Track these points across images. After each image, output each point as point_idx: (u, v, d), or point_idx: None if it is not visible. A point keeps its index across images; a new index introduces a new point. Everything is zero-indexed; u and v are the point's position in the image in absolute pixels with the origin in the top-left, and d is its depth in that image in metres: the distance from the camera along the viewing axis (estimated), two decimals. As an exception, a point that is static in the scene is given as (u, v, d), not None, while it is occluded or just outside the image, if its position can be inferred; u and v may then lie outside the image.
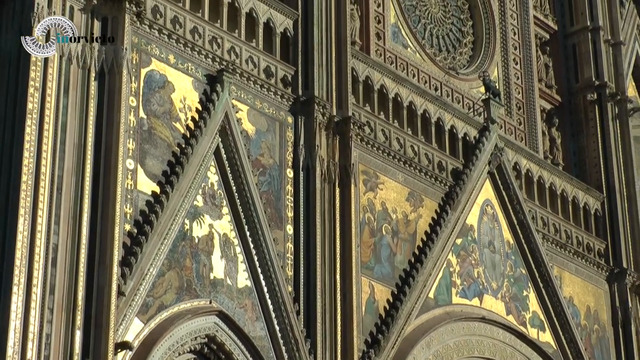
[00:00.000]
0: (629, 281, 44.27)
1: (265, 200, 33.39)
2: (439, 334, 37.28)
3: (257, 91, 34.46)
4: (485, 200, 40.41)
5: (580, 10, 47.83)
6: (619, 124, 46.80)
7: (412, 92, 39.73)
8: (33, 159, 27.60)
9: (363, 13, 39.86)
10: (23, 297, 26.51)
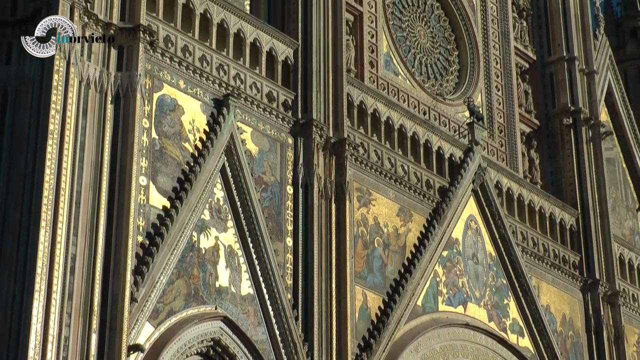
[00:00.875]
0: (601, 291, 44.23)
1: (267, 215, 33.43)
2: (426, 338, 37.28)
3: (260, 114, 34.49)
4: (469, 216, 40.41)
5: (557, 41, 47.86)
6: (593, 146, 46.80)
7: (402, 116, 39.75)
8: (54, 176, 27.60)
9: (358, 43, 39.94)
10: (43, 302, 26.50)
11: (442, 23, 44.79)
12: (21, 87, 28.94)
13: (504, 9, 46.76)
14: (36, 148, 27.95)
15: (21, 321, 26.29)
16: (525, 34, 47.82)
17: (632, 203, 50.54)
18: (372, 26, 40.67)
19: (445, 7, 44.89)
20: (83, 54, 29.37)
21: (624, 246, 47.40)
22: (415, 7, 43.88)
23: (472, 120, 41.71)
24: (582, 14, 48.99)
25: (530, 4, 48.46)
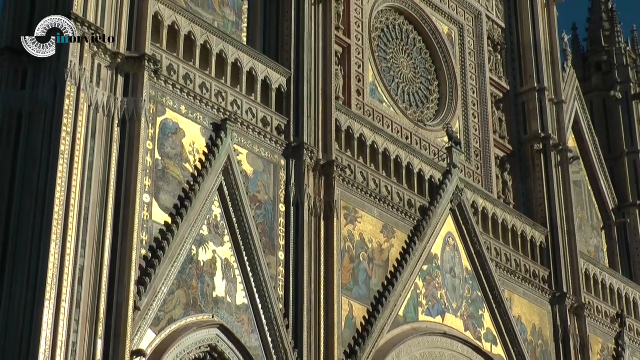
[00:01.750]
0: (568, 303, 44.19)
1: (261, 231, 33.36)
2: (407, 346, 37.20)
3: (255, 138, 34.46)
4: (447, 233, 40.35)
5: (529, 73, 47.93)
6: (561, 170, 46.82)
7: (386, 140, 39.75)
8: (64, 193, 27.58)
9: (346, 73, 39.97)
10: (53, 310, 26.45)
11: (424, 55, 44.87)
12: (35, 111, 28.94)
13: (480, 43, 46.86)
14: (48, 167, 27.94)
15: (32, 327, 26.25)
16: (500, 66, 47.89)
17: (597, 222, 50.59)
18: (359, 57, 40.71)
19: (426, 41, 45.00)
20: (92, 80, 29.40)
21: (590, 262, 47.39)
22: (399, 40, 43.99)
23: (451, 145, 41.69)
24: (551, 49, 49.09)
25: (504, 39, 48.55)
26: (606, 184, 51.08)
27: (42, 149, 28.33)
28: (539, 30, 48.78)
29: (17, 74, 29.53)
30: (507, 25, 48.89)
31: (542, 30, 48.95)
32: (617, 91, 53.57)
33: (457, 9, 46.47)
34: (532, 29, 48.67)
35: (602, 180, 50.90)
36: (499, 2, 49.10)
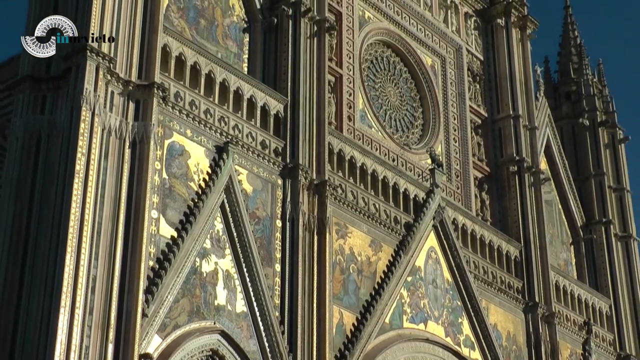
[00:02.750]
0: (540, 312, 44.16)
1: (259, 244, 33.30)
2: (393, 351, 37.11)
3: (255, 159, 34.42)
4: (430, 247, 40.31)
5: (505, 102, 48.00)
6: (534, 190, 46.85)
7: (375, 162, 39.74)
8: (79, 209, 27.55)
9: (338, 100, 40.00)
10: (68, 316, 26.39)
11: (409, 85, 44.93)
12: (53, 134, 28.98)
13: (460, 73, 46.94)
14: (64, 185, 27.94)
15: (49, 332, 26.20)
16: (478, 95, 47.96)
17: (566, 238, 50.60)
18: (350, 86, 40.72)
19: (411, 71, 45.08)
20: (106, 106, 29.43)
21: (560, 274, 47.40)
22: (386, 70, 44.06)
23: (433, 167, 41.77)
24: (525, 80, 49.20)
25: (482, 70, 48.65)
26: (575, 203, 51.11)
27: (59, 169, 28.33)
28: (514, 62, 48.90)
29: (37, 100, 29.59)
30: (485, 57, 48.99)
31: (517, 63, 49.06)
32: (584, 119, 53.68)
33: (440, 42, 46.57)
34: (507, 61, 48.78)
35: (571, 199, 50.94)
36: (478, 37, 49.21)
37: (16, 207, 28.18)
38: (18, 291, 27.17)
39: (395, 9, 44.67)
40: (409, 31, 45.02)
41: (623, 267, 51.19)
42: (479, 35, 49.27)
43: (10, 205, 28.23)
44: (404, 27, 44.81)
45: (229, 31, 36.29)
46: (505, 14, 49.51)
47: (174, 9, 34.35)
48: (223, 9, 36.25)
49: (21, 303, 27.01)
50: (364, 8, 43.10)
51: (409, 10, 45.30)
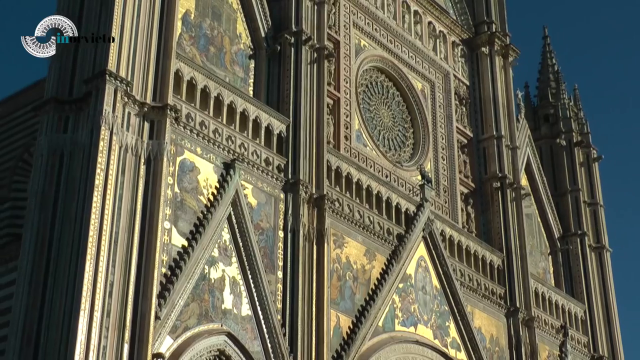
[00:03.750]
0: (520, 316, 44.08)
1: (263, 253, 33.30)
2: (385, 352, 37.03)
3: (259, 175, 34.45)
4: (420, 257, 40.28)
5: (489, 123, 48.03)
6: (515, 204, 46.82)
7: (369, 178, 39.76)
8: (97, 220, 27.57)
9: (336, 121, 40.03)
10: (87, 319, 26.39)
11: (401, 107, 44.97)
12: (74, 151, 29.02)
13: (448, 97, 47.00)
14: (85, 198, 27.97)
15: (69, 333, 26.23)
16: (465, 117, 47.99)
17: (545, 249, 50.55)
18: (347, 108, 40.78)
19: (403, 95, 45.13)
20: (123, 125, 29.46)
21: (538, 282, 47.33)
22: (380, 94, 44.12)
23: (423, 183, 41.77)
24: (507, 103, 49.24)
25: (468, 94, 48.68)
26: (552, 216, 51.11)
27: (80, 183, 28.35)
28: (497, 87, 48.95)
29: (60, 120, 29.66)
30: (470, 83, 49.05)
31: (500, 88, 49.11)
32: (561, 139, 53.70)
33: (429, 69, 46.66)
34: (491, 86, 48.84)
35: (549, 213, 50.94)
36: (464, 64, 49.30)
37: (41, 218, 28.22)
38: (42, 295, 27.17)
39: (388, 38, 44.78)
40: (401, 58, 45.12)
41: (597, 275, 51.19)
42: (465, 62, 49.35)
43: (35, 216, 28.27)
44: (396, 54, 44.91)
45: (236, 58, 36.38)
46: (489, 43, 49.62)
47: (186, 37, 34.47)
48: (231, 37, 36.37)
49: (44, 306, 27.01)
50: (360, 37, 43.21)
51: (401, 39, 45.42)
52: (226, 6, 36.52)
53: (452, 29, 48.81)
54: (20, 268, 27.88)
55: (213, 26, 35.68)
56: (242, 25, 36.95)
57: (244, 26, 37.01)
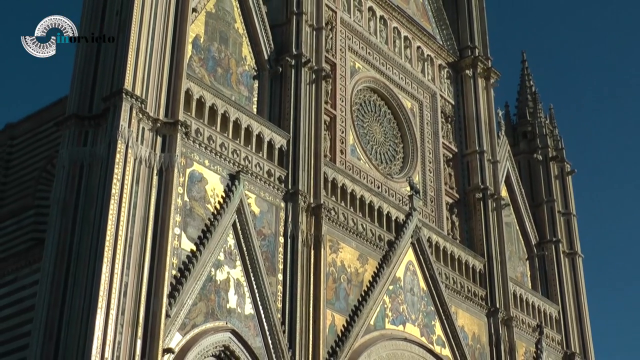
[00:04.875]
0: (500, 316, 44.02)
1: (265, 257, 33.30)
2: (376, 348, 36.99)
3: (262, 185, 34.48)
4: (408, 261, 40.24)
5: (472, 139, 48.02)
6: (496, 214, 46.80)
7: (362, 189, 39.78)
8: (114, 226, 27.59)
9: (332, 136, 40.06)
10: (104, 316, 26.41)
11: (392, 124, 45.01)
12: (93, 163, 29.06)
13: (435, 115, 47.04)
14: (102, 206, 28.01)
15: (87, 329, 26.26)
16: (450, 133, 48.03)
17: (523, 254, 50.50)
18: (342, 125, 40.81)
19: (394, 113, 45.17)
20: (137, 139, 29.49)
21: (517, 285, 47.31)
22: (373, 112, 44.17)
23: (412, 193, 41.79)
24: (489, 121, 49.28)
25: (453, 113, 48.70)
26: (530, 225, 51.11)
27: (98, 192, 28.39)
28: (480, 106, 49.00)
29: (81, 134, 29.71)
30: (455, 102, 49.10)
31: (482, 107, 49.16)
32: (538, 154, 53.72)
33: (418, 89, 46.73)
34: (474, 105, 48.88)
35: (527, 222, 50.93)
36: (449, 85, 49.37)
37: (62, 224, 28.25)
38: (62, 294, 27.20)
39: (381, 61, 44.87)
40: (392, 79, 45.19)
41: (569, 279, 51.17)
42: (450, 83, 49.41)
43: (57, 222, 28.31)
44: (388, 76, 44.98)
45: (242, 78, 36.44)
46: (473, 66, 49.70)
47: (196, 59, 34.55)
48: (237, 60, 36.44)
49: (65, 304, 27.04)
50: (355, 59, 43.30)
51: (392, 62, 45.50)
52: (232, 31, 36.61)
53: (439, 53, 48.90)
54: (43, 269, 27.91)
55: (220, 49, 35.76)
56: (247, 49, 37.02)
57: (248, 49, 37.08)
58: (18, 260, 30.89)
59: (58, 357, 26.37)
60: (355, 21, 43.86)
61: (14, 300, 29.93)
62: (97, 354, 25.87)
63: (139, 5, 31.13)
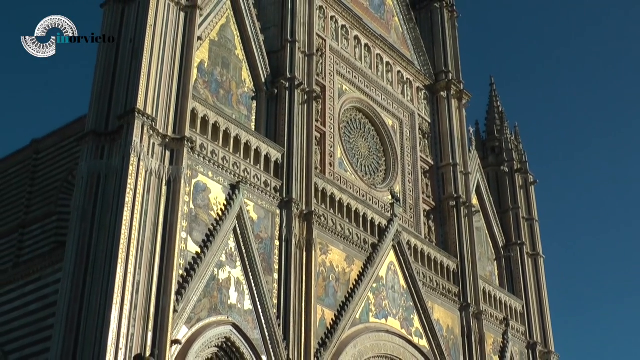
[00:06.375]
0: (471, 311, 43.98)
1: (262, 258, 33.26)
2: (362, 339, 36.95)
3: (259, 194, 34.45)
4: (390, 262, 40.23)
5: (446, 153, 48.00)
6: (467, 220, 46.74)
7: (349, 197, 39.76)
8: (127, 231, 27.58)
9: (322, 151, 40.04)
10: (118, 311, 26.41)
11: (375, 140, 45.03)
12: (109, 174, 29.07)
13: (413, 132, 47.09)
14: (117, 213, 28.01)
15: (104, 323, 26.27)
16: (427, 148, 48.05)
17: (491, 255, 50.50)
18: (331, 140, 40.84)
19: (377, 130, 45.19)
20: (149, 153, 29.52)
21: (486, 282, 47.28)
22: (359, 129, 44.19)
23: (393, 202, 41.84)
24: (461, 137, 49.32)
25: (430, 129, 48.73)
26: (497, 229, 51.16)
27: (113, 200, 28.40)
28: (453, 124, 49.08)
29: (98, 149, 29.73)
30: (431, 120, 49.16)
31: (455, 124, 49.25)
32: (505, 167, 53.76)
33: (398, 109, 46.81)
34: (448, 123, 48.95)
35: (495, 226, 50.99)
36: (426, 105, 49.42)
37: (81, 229, 28.22)
38: (82, 291, 27.18)
39: (365, 84, 44.95)
40: (375, 100, 45.25)
41: (532, 277, 51.21)
42: (427, 104, 49.50)
43: (77, 227, 28.28)
44: (371, 97, 45.04)
45: (241, 99, 36.46)
46: (447, 88, 49.80)
47: (201, 82, 34.56)
48: (237, 82, 36.46)
49: (84, 300, 27.02)
50: (342, 82, 43.36)
51: (375, 85, 45.58)
52: (233, 57, 36.64)
53: (417, 77, 49.01)
54: (64, 269, 27.87)
55: (223, 73, 35.78)
56: (246, 73, 37.05)
57: (248, 73, 37.11)
58: (42, 261, 30.84)
59: (78, 347, 26.33)
60: (342, 48, 43.93)
61: (39, 297, 29.86)
62: (113, 345, 25.86)
63: (150, 34, 31.19)
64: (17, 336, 29.64)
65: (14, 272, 31.68)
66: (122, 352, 26.11)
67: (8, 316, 30.39)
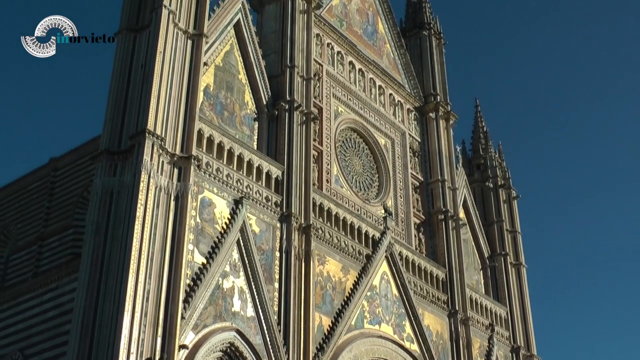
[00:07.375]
0: (459, 317, 43.95)
1: (264, 268, 33.27)
2: (357, 344, 36.90)
3: (261, 209, 34.50)
4: (383, 272, 40.22)
5: (435, 170, 48.02)
6: (455, 232, 46.80)
7: (345, 212, 39.82)
8: (138, 243, 27.60)
9: (319, 168, 40.12)
10: (130, 318, 26.40)
11: (369, 158, 45.13)
12: (121, 190, 29.11)
13: (404, 150, 47.19)
14: (128, 226, 28.04)
15: (116, 329, 26.24)
16: (417, 165, 48.13)
17: (478, 265, 50.50)
18: (328, 158, 40.93)
19: (370, 148, 45.29)
20: (158, 171, 29.57)
21: (473, 290, 47.25)
22: (353, 148, 44.29)
23: (386, 215, 41.87)
24: (449, 155, 49.47)
25: (420, 148, 48.84)
26: (483, 241, 51.17)
27: (125, 215, 28.41)
28: (441, 143, 49.19)
29: (111, 166, 29.76)
30: (421, 139, 49.26)
31: (443, 143, 49.37)
32: (489, 182, 53.84)
33: (390, 129, 46.92)
34: (437, 142, 49.06)
35: (481, 238, 51.00)
36: (416, 125, 49.55)
37: (95, 241, 28.24)
38: (96, 300, 27.18)
39: (359, 105, 45.10)
40: (369, 121, 45.39)
41: (516, 285, 51.21)
42: (417, 124, 49.64)
43: (91, 240, 28.30)
44: (365, 117, 45.18)
45: (244, 120, 36.57)
46: (435, 110, 49.97)
47: (206, 104, 34.70)
48: (240, 105, 36.59)
49: (98, 307, 27.01)
50: (338, 104, 43.52)
51: (369, 107, 45.74)
52: (237, 81, 36.81)
53: (407, 99, 49.20)
54: (80, 279, 27.88)
55: (227, 96, 35.92)
56: (248, 96, 37.20)
57: (250, 96, 37.26)
58: (59, 271, 30.87)
59: (92, 351, 26.31)
60: (338, 73, 44.13)
61: (56, 305, 29.88)
62: (125, 349, 25.85)
63: (160, 60, 31.34)
64: (36, 341, 29.66)
65: (33, 282, 31.72)
66: (133, 356, 26.11)
67: (27, 322, 30.43)
